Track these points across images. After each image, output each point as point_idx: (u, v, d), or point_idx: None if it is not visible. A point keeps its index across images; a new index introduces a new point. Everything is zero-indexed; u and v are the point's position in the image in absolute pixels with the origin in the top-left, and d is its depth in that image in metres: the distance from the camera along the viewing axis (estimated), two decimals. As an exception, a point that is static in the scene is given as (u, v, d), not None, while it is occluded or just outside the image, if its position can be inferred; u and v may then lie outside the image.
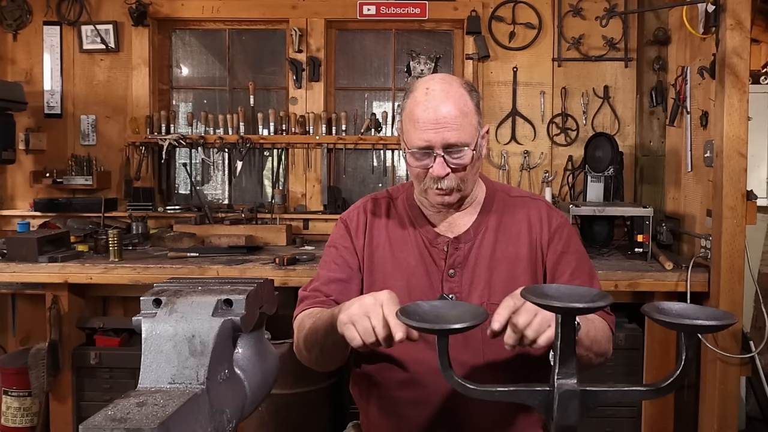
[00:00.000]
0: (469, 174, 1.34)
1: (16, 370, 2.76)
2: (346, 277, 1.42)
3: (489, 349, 1.34)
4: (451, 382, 0.87)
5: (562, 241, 1.42)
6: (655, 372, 2.54)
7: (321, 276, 1.45)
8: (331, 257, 1.46)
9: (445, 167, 1.30)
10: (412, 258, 1.41)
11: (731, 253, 2.36)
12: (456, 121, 1.29)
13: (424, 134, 1.30)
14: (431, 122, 1.29)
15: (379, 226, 1.46)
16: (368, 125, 3.35)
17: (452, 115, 1.29)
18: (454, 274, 1.38)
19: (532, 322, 1.06)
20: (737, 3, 2.30)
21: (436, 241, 1.41)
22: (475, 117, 1.34)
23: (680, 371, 0.83)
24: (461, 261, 1.39)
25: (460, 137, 1.29)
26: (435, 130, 1.29)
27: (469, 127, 1.31)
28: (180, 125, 3.47)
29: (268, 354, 0.96)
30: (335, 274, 1.43)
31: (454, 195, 1.34)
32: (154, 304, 0.83)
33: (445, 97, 1.30)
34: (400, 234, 1.44)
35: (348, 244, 1.46)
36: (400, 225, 1.45)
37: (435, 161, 1.30)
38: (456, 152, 1.30)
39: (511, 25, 3.29)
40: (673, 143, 3.05)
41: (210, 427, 0.75)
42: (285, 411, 2.49)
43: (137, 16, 3.29)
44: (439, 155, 1.29)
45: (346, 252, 1.45)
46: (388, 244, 1.43)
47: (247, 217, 3.17)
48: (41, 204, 3.29)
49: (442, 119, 1.29)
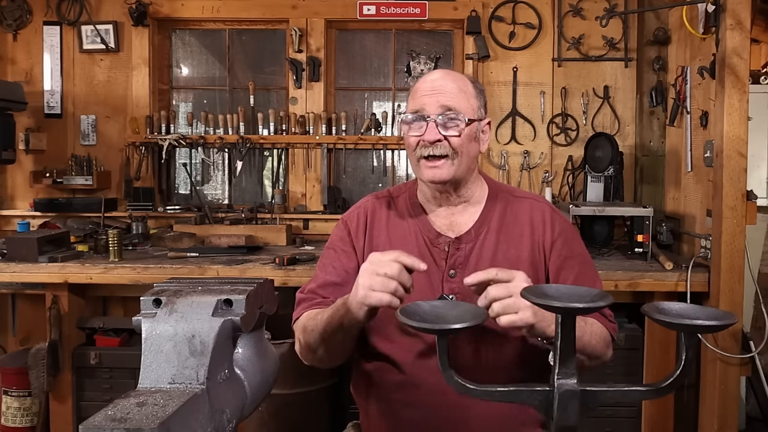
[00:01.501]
0: (463, 148, 1.35)
1: (16, 370, 2.76)
2: (342, 281, 1.42)
3: (488, 353, 1.34)
4: (450, 382, 0.87)
5: (566, 246, 1.42)
6: (655, 372, 2.54)
7: (318, 278, 1.45)
8: (329, 260, 1.46)
9: (437, 133, 1.33)
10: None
11: (731, 253, 2.36)
12: (452, 91, 1.35)
13: (419, 100, 1.36)
14: (428, 89, 1.36)
15: (379, 226, 1.46)
16: (368, 125, 3.35)
17: (449, 86, 1.36)
18: (455, 275, 1.37)
19: (504, 300, 1.10)
20: (737, 3, 2.30)
21: (438, 241, 1.40)
22: (474, 100, 1.38)
23: (680, 371, 0.83)
24: (462, 261, 1.38)
25: (455, 104, 1.34)
26: (430, 95, 1.35)
27: (466, 102, 1.36)
28: (180, 125, 3.47)
29: (268, 354, 0.96)
30: (331, 277, 1.43)
31: (446, 168, 1.34)
32: (154, 304, 0.83)
33: (446, 74, 1.39)
34: (401, 233, 1.44)
35: (347, 247, 1.45)
36: (400, 224, 1.45)
37: (428, 126, 1.33)
38: (449, 119, 1.33)
39: (511, 25, 3.29)
40: (673, 143, 3.05)
41: (210, 427, 0.75)
42: (285, 411, 2.49)
43: (137, 16, 3.29)
44: (432, 120, 1.33)
45: (344, 255, 1.45)
46: (389, 244, 1.43)
47: (247, 217, 3.17)
48: (41, 204, 3.29)
49: (438, 87, 1.35)
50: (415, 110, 1.35)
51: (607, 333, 1.38)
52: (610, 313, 1.42)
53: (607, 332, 1.39)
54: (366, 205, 1.50)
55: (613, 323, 1.42)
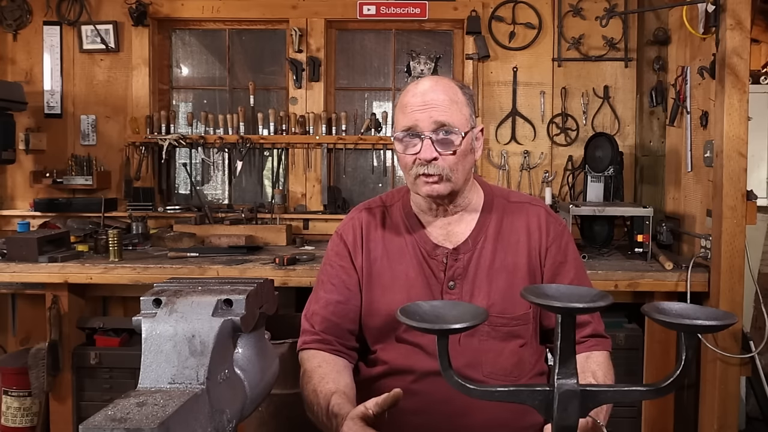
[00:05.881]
0: (459, 164, 1.31)
1: (16, 370, 2.76)
2: (344, 299, 1.41)
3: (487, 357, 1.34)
4: (451, 382, 0.87)
5: (561, 251, 1.41)
6: (655, 372, 2.54)
7: (320, 298, 1.43)
8: (328, 277, 1.44)
9: (433, 150, 1.28)
10: (411, 270, 1.38)
11: (731, 253, 2.36)
12: (444, 104, 1.29)
13: (411, 115, 1.29)
14: (419, 104, 1.29)
15: (375, 239, 1.43)
16: (368, 125, 3.35)
17: (441, 99, 1.29)
18: (454, 286, 1.36)
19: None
20: (737, 3, 2.30)
21: (435, 253, 1.38)
22: (466, 108, 1.33)
23: (680, 371, 0.83)
24: (461, 272, 1.36)
25: (449, 119, 1.28)
26: (422, 110, 1.28)
27: (459, 114, 1.30)
28: (180, 125, 3.47)
29: (268, 354, 0.96)
30: (332, 296, 1.41)
31: (444, 184, 1.30)
32: (154, 304, 0.83)
33: (435, 84, 1.32)
34: (398, 245, 1.41)
35: (345, 263, 1.43)
36: (396, 235, 1.42)
37: (423, 144, 1.28)
38: (444, 135, 1.28)
39: (511, 25, 3.29)
40: (673, 143, 3.05)
41: (210, 427, 0.75)
42: (285, 411, 2.49)
43: (137, 16, 3.29)
44: (427, 137, 1.27)
45: (343, 272, 1.42)
46: (386, 257, 1.40)
47: (247, 217, 3.17)
48: (41, 204, 3.29)
49: (430, 101, 1.29)
50: (408, 127, 1.30)
51: (608, 357, 1.40)
52: (602, 327, 1.43)
53: (608, 354, 1.41)
54: (360, 217, 1.46)
55: (606, 338, 1.43)
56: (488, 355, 1.34)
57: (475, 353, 1.33)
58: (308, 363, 1.37)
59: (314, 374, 1.33)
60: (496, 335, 1.35)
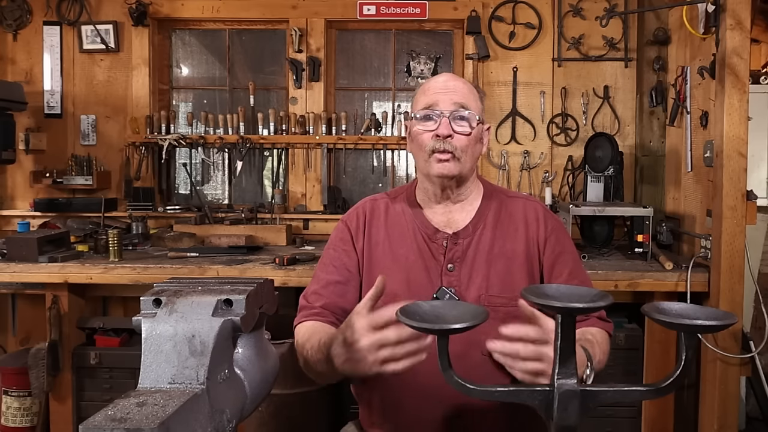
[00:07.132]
0: (470, 148, 1.40)
1: (16, 370, 2.76)
2: (344, 279, 1.44)
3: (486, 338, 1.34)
4: (450, 382, 0.87)
5: (558, 243, 1.46)
6: (655, 372, 2.54)
7: (319, 279, 1.47)
8: (330, 259, 1.48)
9: (450, 128, 1.37)
10: (412, 253, 1.43)
11: (731, 253, 2.36)
12: (463, 90, 1.42)
13: (432, 96, 1.40)
14: (441, 88, 1.41)
15: (378, 225, 1.49)
16: (368, 125, 3.35)
17: (460, 86, 1.42)
18: (453, 269, 1.40)
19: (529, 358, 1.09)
20: (737, 3, 2.30)
21: (436, 237, 1.43)
22: (479, 104, 1.44)
23: (680, 371, 0.83)
24: (460, 255, 1.41)
25: (467, 102, 1.39)
26: (443, 93, 1.40)
27: (475, 103, 1.42)
28: (180, 125, 3.47)
29: (268, 354, 0.96)
30: (333, 276, 1.45)
31: (454, 163, 1.38)
32: (154, 304, 0.83)
33: (454, 76, 1.46)
34: (400, 230, 1.47)
35: (347, 247, 1.48)
36: (399, 222, 1.48)
37: (441, 121, 1.37)
38: (461, 116, 1.38)
39: (511, 25, 3.29)
40: (673, 143, 3.05)
41: (210, 427, 0.75)
42: (285, 411, 2.49)
43: (137, 16, 3.29)
44: (445, 115, 1.38)
45: (344, 254, 1.47)
46: (388, 241, 1.45)
47: (247, 217, 3.17)
48: (41, 204, 3.29)
49: (451, 87, 1.41)
50: (429, 105, 1.40)
51: (608, 338, 1.43)
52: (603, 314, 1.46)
53: (607, 334, 1.43)
54: (364, 206, 1.53)
55: (609, 322, 1.46)
56: (488, 335, 1.34)
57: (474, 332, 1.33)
58: (302, 330, 1.39)
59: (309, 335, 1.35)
60: (495, 316, 1.35)
